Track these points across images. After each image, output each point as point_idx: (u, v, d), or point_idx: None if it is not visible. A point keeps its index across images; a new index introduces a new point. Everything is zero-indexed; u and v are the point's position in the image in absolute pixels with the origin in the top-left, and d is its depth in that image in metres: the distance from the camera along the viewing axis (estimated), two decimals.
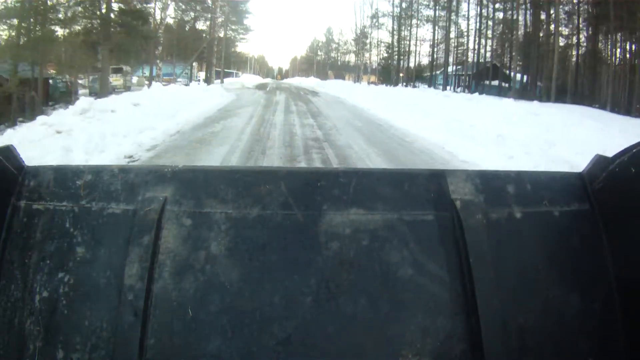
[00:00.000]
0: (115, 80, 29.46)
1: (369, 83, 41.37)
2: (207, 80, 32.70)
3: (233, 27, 40.45)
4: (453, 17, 29.57)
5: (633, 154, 0.77)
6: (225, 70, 52.84)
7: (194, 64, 35.39)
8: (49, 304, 0.79)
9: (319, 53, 68.68)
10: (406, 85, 33.27)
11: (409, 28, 35.05)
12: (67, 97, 21.96)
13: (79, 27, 21.45)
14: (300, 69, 79.58)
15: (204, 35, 32.00)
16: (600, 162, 0.85)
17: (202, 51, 31.06)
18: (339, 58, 62.12)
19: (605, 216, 0.83)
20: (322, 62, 65.44)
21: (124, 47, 20.36)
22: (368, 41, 42.62)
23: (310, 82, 48.26)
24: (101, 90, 19.85)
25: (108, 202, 0.85)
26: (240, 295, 0.77)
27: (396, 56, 36.47)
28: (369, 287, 0.78)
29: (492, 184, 0.86)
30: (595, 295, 0.80)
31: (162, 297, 0.77)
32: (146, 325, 0.75)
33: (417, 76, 33.41)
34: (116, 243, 0.81)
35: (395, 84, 34.69)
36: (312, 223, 0.82)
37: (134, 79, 32.95)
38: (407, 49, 35.53)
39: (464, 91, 27.78)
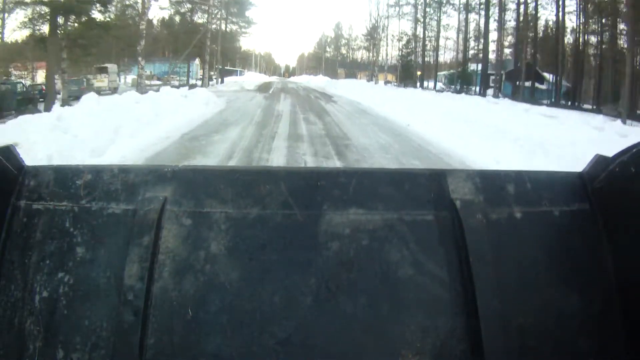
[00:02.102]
0: (99, 81, 26.76)
1: (385, 83, 35.93)
2: (202, 81, 30.25)
3: (233, 19, 35.59)
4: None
5: (633, 154, 0.80)
6: (230, 68, 47.87)
7: (197, 61, 33.67)
8: (49, 304, 0.81)
9: (328, 49, 63.43)
10: (434, 87, 27.42)
11: (435, 19, 29.11)
12: (27, 104, 16.24)
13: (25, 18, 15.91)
14: (308, 67, 75.01)
15: (201, 29, 29.72)
16: (600, 162, 0.88)
17: (200, 47, 28.85)
18: (349, 55, 56.63)
19: (605, 216, 0.86)
20: (331, 59, 60.03)
21: (81, 42, 14.86)
22: (384, 34, 36.94)
23: (319, 82, 43.38)
24: (47, 99, 14.17)
25: (108, 202, 0.87)
26: (240, 295, 0.80)
27: (420, 51, 30.36)
28: (369, 287, 0.81)
29: (492, 183, 0.89)
30: (595, 295, 0.83)
31: (162, 297, 0.80)
32: (146, 325, 0.77)
33: (461, 77, 27.23)
34: (116, 243, 0.83)
35: (420, 84, 28.93)
36: (312, 223, 0.84)
37: (129, 79, 31.15)
38: (436, 43, 29.57)
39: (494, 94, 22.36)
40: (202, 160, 7.07)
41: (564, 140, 7.53)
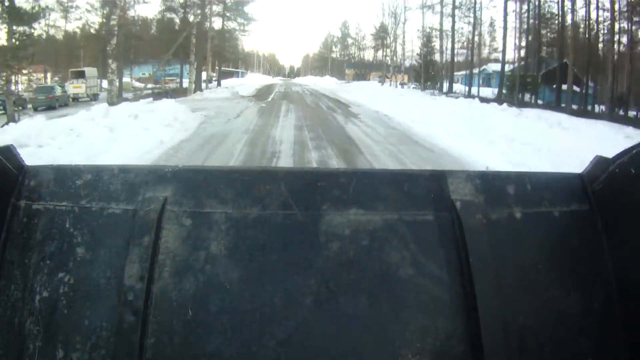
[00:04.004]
0: (76, 87, 23.49)
1: (401, 85, 31.46)
2: (189, 86, 26.10)
3: (229, 14, 30.22)
4: None
5: (633, 155, 0.82)
6: (230, 69, 42.71)
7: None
8: (49, 304, 0.84)
9: (334, 49, 58.12)
10: (468, 92, 22.18)
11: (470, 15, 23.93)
12: None
13: None
14: (313, 67, 69.66)
15: (188, 26, 26.81)
16: (600, 163, 0.90)
17: (190, 46, 25.59)
18: (357, 54, 51.38)
19: (605, 216, 0.88)
20: (338, 60, 54.85)
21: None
22: (400, 31, 31.71)
23: (327, 84, 38.70)
24: None
25: (108, 202, 0.89)
26: (240, 296, 0.82)
27: (447, 49, 25.19)
28: (369, 287, 0.83)
29: (492, 184, 0.91)
30: (595, 295, 0.85)
31: (162, 297, 0.82)
32: (146, 325, 0.80)
33: (529, 81, 21.67)
34: (116, 243, 0.86)
35: (449, 88, 23.82)
36: (312, 223, 0.87)
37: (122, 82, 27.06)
38: (478, 38, 24.42)
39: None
40: None
41: None
